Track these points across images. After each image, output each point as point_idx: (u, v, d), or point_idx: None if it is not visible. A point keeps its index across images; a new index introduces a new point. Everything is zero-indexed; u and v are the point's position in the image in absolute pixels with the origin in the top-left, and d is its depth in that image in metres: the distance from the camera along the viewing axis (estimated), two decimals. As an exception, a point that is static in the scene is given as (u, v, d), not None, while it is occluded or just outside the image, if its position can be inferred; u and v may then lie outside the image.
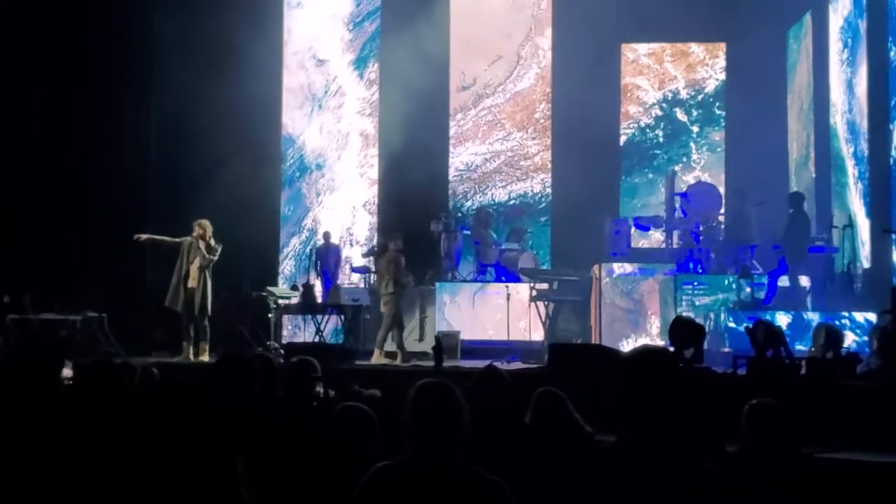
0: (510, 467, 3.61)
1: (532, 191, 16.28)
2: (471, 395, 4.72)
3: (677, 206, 14.24)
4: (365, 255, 15.78)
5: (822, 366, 8.72)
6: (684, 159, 16.14)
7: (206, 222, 11.88)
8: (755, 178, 14.49)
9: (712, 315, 12.14)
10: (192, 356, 11.76)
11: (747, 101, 15.14)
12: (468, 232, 15.09)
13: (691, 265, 13.15)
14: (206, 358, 11.66)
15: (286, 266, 16.23)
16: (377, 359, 11.90)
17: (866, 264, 12.73)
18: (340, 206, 16.45)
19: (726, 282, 12.69)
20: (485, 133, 16.50)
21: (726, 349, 11.12)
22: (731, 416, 5.02)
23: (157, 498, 3.05)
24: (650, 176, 16.15)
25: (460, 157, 16.47)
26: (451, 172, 16.50)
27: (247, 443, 3.54)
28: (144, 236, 12.14)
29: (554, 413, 5.25)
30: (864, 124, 12.94)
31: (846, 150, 13.52)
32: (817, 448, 6.35)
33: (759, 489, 4.21)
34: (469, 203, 16.48)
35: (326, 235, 15.40)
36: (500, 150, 16.46)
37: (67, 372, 5.63)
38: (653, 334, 13.35)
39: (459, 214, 16.19)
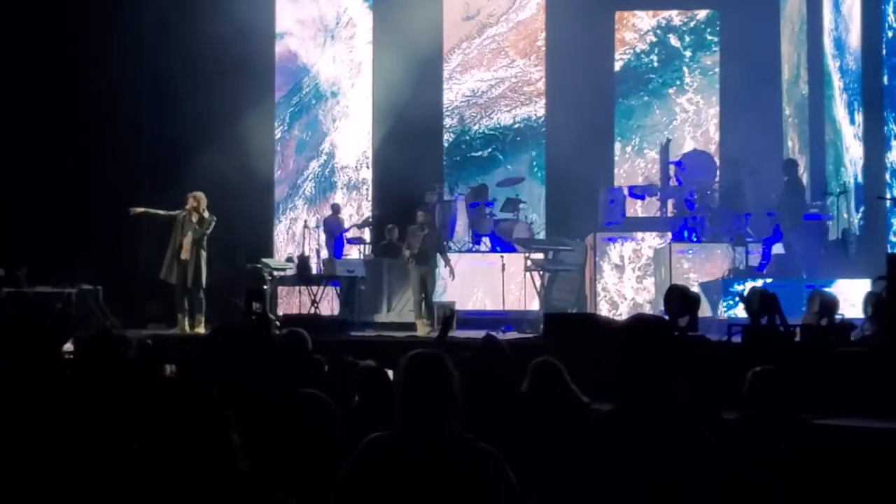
0: (507, 437, 3.61)
1: (535, 114, 16.86)
2: (469, 366, 4.74)
3: (672, 174, 14.24)
4: (360, 227, 15.75)
5: (817, 332, 8.73)
6: (678, 82, 16.81)
7: (200, 194, 11.83)
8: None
9: (707, 283, 12.15)
10: (187, 328, 11.77)
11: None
12: (463, 197, 15.08)
13: (686, 233, 13.18)
14: (201, 330, 11.66)
15: (307, 188, 16.76)
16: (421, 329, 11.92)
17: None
18: (356, 131, 16.89)
19: (721, 249, 12.71)
20: (489, 60, 17.07)
21: (721, 317, 11.14)
22: (726, 384, 5.02)
23: (155, 468, 3.04)
24: (645, 98, 16.85)
25: (466, 84, 17.05)
26: (459, 99, 17.06)
27: (241, 413, 3.53)
28: (139, 210, 12.07)
29: (551, 383, 5.25)
30: (850, 39, 13.37)
31: (832, 66, 14.06)
32: (812, 414, 6.36)
33: (754, 465, 4.22)
34: (476, 127, 16.97)
35: (335, 208, 15.39)
36: (504, 76, 17.05)
37: (67, 346, 5.61)
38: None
39: (467, 138, 16.79)
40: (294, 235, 16.04)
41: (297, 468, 3.82)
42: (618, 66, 16.85)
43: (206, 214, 11.80)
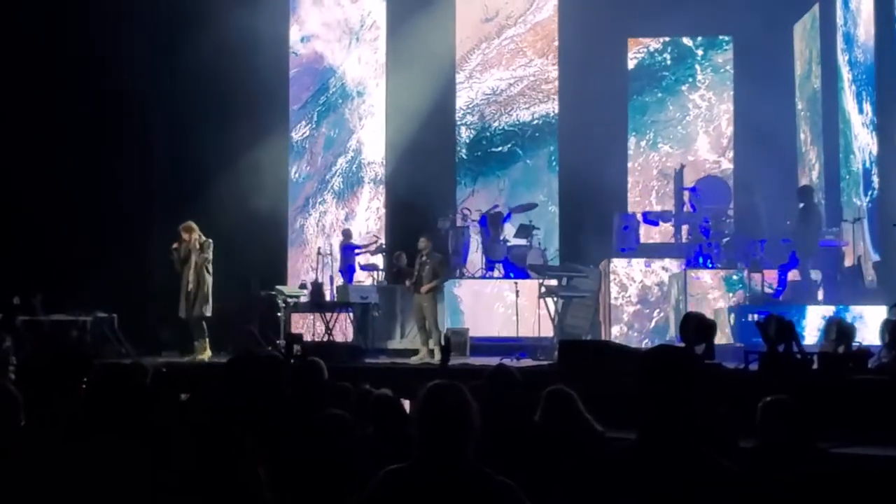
0: (521, 467, 3.59)
1: (553, 111, 17.29)
2: (480, 394, 4.71)
3: (686, 200, 14.23)
4: (373, 253, 15.75)
5: (834, 360, 8.68)
6: (690, 80, 17.30)
7: (189, 224, 11.88)
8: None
9: (722, 310, 12.10)
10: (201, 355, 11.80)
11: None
12: (476, 219, 15.11)
13: (701, 260, 13.12)
14: (203, 357, 11.67)
15: (335, 183, 17.24)
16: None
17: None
18: (381, 129, 17.30)
19: (736, 276, 12.67)
20: (508, 60, 17.56)
21: (737, 344, 11.08)
22: (744, 412, 4.99)
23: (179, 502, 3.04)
24: (659, 95, 17.32)
25: (486, 83, 17.53)
26: (479, 97, 17.49)
27: (262, 443, 3.53)
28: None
29: (564, 412, 5.23)
30: (858, 33, 13.87)
31: (841, 59, 14.56)
32: (830, 443, 6.31)
33: (767, 484, 4.19)
34: (496, 124, 17.41)
35: (346, 233, 15.46)
36: (523, 75, 17.52)
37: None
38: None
39: (487, 134, 17.28)
40: (324, 228, 16.79)
41: (316, 496, 3.80)
42: (632, 64, 17.35)
43: (202, 239, 11.85)
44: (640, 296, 13.63)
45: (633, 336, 13.44)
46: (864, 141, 13.73)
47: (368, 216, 16.88)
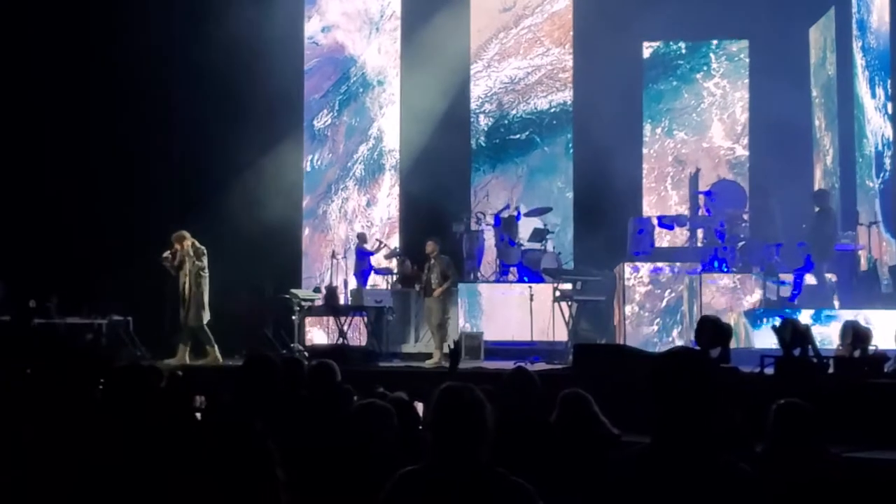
0: (536, 469, 3.59)
1: (570, 99, 17.45)
2: (499, 397, 4.72)
3: (701, 204, 14.20)
4: (387, 257, 15.77)
5: (850, 364, 8.64)
6: (705, 68, 17.43)
7: (182, 233, 11.91)
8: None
9: (738, 314, 12.06)
10: (186, 359, 11.78)
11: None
12: (492, 222, 15.12)
13: (716, 263, 13.08)
14: (174, 361, 11.64)
15: (357, 170, 17.45)
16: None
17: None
18: (402, 117, 17.49)
19: (752, 280, 12.62)
20: (526, 49, 17.70)
21: (753, 348, 11.04)
22: (759, 417, 4.97)
23: None
24: (674, 83, 17.47)
25: (504, 72, 17.70)
26: (497, 85, 17.68)
27: (280, 445, 3.55)
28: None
29: (580, 415, 5.22)
30: (871, 20, 14.22)
31: (855, 45, 14.80)
32: (845, 447, 6.28)
33: (779, 488, 4.17)
34: (514, 112, 17.55)
35: (361, 237, 15.50)
36: (540, 64, 17.68)
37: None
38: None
39: (506, 122, 17.46)
40: (346, 214, 17.08)
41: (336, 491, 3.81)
42: (647, 53, 17.49)
43: (196, 247, 11.86)
44: (651, 276, 13.63)
45: (644, 316, 13.41)
46: (876, 124, 14.05)
47: (390, 202, 17.10)
